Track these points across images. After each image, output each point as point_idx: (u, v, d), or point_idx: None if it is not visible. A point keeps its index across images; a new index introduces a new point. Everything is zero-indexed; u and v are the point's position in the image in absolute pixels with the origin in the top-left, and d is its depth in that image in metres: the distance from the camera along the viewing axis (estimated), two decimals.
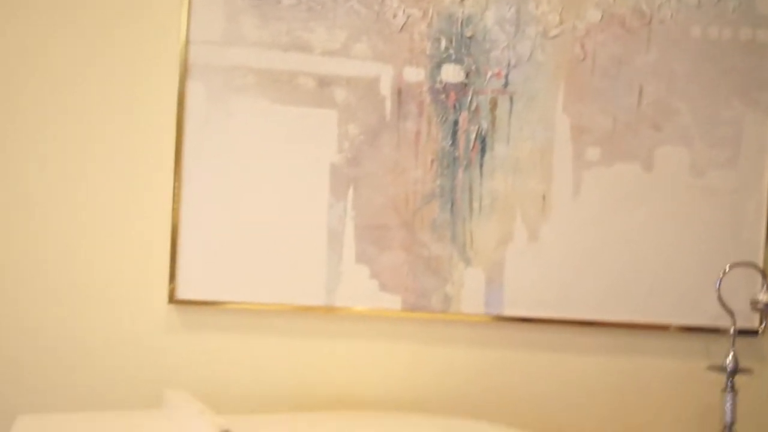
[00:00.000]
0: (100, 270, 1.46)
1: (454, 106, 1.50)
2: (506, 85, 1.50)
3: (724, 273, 1.43)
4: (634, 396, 1.55)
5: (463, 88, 1.50)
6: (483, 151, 1.51)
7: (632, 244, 1.53)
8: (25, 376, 1.43)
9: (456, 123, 1.50)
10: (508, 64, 1.50)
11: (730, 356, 1.40)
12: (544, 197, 1.52)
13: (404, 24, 1.49)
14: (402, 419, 1.35)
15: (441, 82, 1.50)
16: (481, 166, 1.51)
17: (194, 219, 1.46)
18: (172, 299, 1.45)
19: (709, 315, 1.51)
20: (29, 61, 1.44)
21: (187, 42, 1.45)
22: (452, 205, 1.50)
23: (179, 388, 1.33)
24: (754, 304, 1.44)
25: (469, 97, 1.50)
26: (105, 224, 1.46)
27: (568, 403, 1.54)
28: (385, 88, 1.49)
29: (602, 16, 1.51)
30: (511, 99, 1.51)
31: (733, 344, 1.40)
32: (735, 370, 1.39)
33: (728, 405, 1.39)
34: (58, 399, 1.43)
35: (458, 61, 1.50)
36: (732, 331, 1.41)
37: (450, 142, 1.50)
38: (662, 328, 1.53)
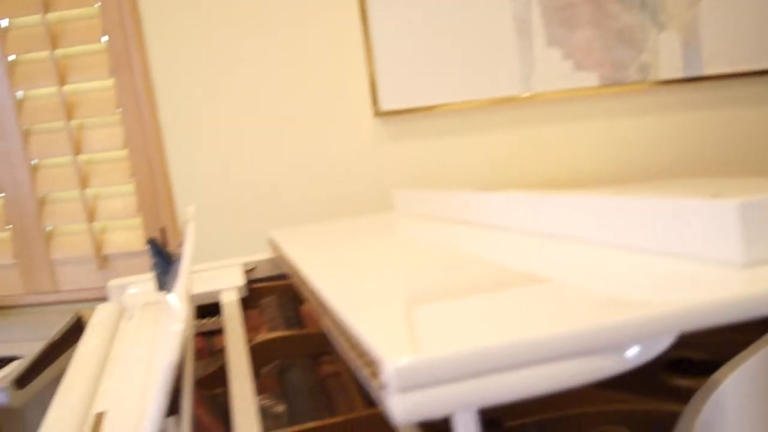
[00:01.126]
0: (315, 102, 1.56)
1: None
2: None
3: None
4: None
5: None
6: None
7: None
8: (270, 196, 1.57)
9: None
10: None
11: None
12: None
13: None
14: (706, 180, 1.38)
15: None
16: None
17: (383, 32, 1.51)
18: (377, 113, 1.53)
19: None
20: None
21: None
22: None
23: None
24: None
25: None
26: (311, 65, 1.55)
27: None
28: None
29: None
30: None
31: None
32: None
33: None
34: (295, 214, 1.57)
35: None
36: None
37: None
38: None
